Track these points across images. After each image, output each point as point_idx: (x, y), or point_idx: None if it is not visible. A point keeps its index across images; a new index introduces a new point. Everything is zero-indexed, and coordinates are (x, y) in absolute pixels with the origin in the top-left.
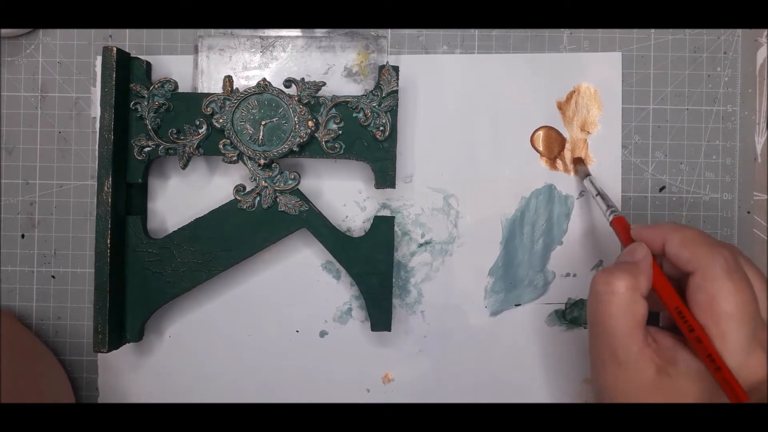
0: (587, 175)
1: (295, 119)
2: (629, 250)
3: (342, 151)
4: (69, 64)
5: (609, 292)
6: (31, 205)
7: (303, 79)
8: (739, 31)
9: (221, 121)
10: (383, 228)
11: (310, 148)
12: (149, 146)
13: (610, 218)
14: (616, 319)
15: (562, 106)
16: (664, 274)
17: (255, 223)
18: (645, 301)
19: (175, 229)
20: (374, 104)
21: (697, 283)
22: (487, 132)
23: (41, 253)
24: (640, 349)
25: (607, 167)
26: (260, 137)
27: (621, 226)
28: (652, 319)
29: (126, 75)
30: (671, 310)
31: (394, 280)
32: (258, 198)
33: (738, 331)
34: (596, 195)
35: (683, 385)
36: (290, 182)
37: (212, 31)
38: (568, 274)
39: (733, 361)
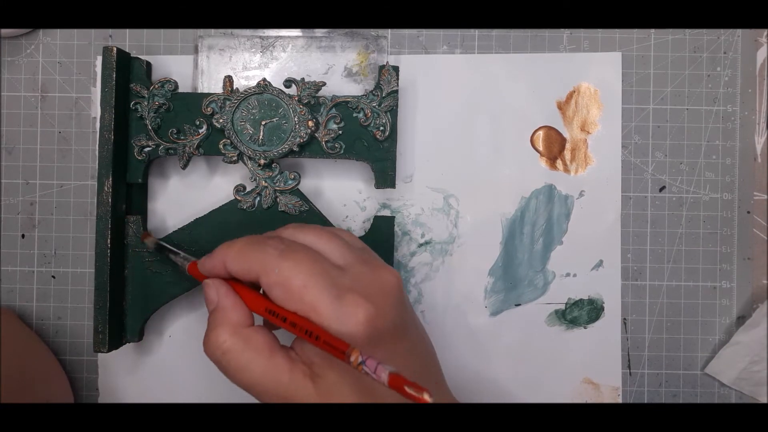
0: (156, 243)
1: (295, 119)
2: (205, 297)
3: (342, 151)
4: (69, 64)
5: (222, 353)
6: (32, 205)
7: (303, 79)
8: (739, 31)
9: (221, 121)
10: (383, 228)
11: (310, 148)
12: (149, 146)
13: (186, 266)
14: (250, 371)
15: (562, 106)
16: (244, 286)
17: (255, 223)
18: (260, 326)
19: (175, 229)
20: (374, 104)
21: (266, 282)
22: (487, 132)
23: (41, 253)
24: (290, 375)
25: (607, 167)
26: (260, 137)
27: (195, 269)
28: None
29: (126, 75)
30: (264, 314)
31: None
32: (258, 198)
33: (319, 294)
34: (168, 253)
35: (333, 376)
36: (290, 182)
37: (212, 31)
38: (568, 274)
39: (330, 321)
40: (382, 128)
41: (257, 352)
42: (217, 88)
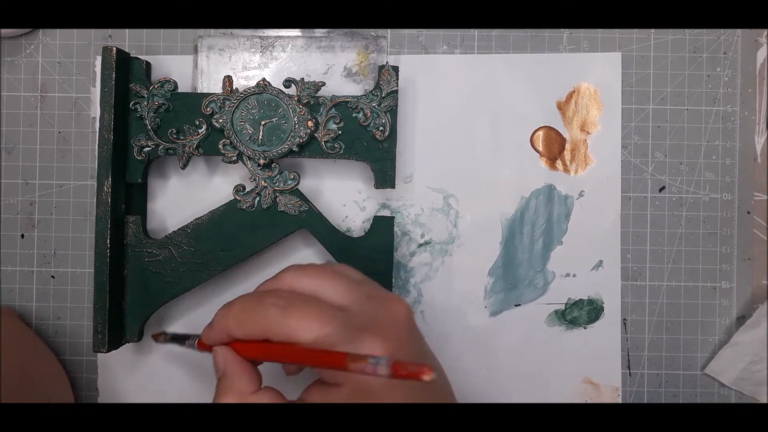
0: (169, 338)
1: (295, 119)
2: (214, 365)
3: (342, 151)
4: (69, 64)
5: None
6: (31, 205)
7: (303, 79)
8: (738, 31)
9: (221, 121)
10: (383, 228)
11: (309, 148)
12: (149, 146)
13: (194, 344)
14: None
15: (561, 106)
16: (256, 343)
17: (255, 223)
18: (267, 388)
19: (175, 229)
20: (374, 104)
21: (275, 339)
22: (487, 132)
23: (41, 253)
24: None
25: (607, 167)
26: (260, 137)
27: (203, 345)
28: None
29: (126, 75)
30: (290, 361)
31: (393, 280)
32: (258, 198)
33: (333, 344)
34: (181, 341)
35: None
36: (290, 182)
37: (212, 31)
38: (567, 274)
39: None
40: (381, 128)
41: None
42: (216, 88)
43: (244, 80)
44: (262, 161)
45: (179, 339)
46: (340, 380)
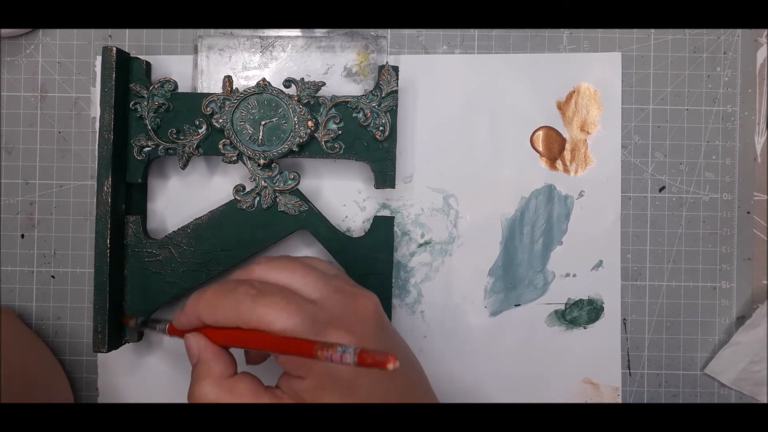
0: (139, 323)
1: (295, 119)
2: (187, 352)
3: (342, 151)
4: (69, 64)
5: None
6: (31, 205)
7: (303, 79)
8: (739, 31)
9: (221, 121)
10: (383, 228)
11: (309, 148)
12: (149, 146)
13: (166, 329)
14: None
15: (561, 106)
16: (226, 330)
17: (255, 223)
18: (243, 373)
19: (175, 229)
20: (374, 104)
21: (246, 330)
22: (487, 132)
23: (41, 253)
24: None
25: (607, 167)
26: (260, 137)
27: (174, 330)
28: None
29: (126, 75)
30: (260, 348)
31: (393, 280)
32: (258, 198)
33: (299, 335)
34: (151, 326)
35: (323, 395)
36: (290, 182)
37: (212, 31)
38: (567, 274)
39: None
40: (381, 128)
41: (242, 399)
42: (216, 88)
43: (244, 80)
44: (262, 161)
45: (150, 323)
46: (304, 373)
